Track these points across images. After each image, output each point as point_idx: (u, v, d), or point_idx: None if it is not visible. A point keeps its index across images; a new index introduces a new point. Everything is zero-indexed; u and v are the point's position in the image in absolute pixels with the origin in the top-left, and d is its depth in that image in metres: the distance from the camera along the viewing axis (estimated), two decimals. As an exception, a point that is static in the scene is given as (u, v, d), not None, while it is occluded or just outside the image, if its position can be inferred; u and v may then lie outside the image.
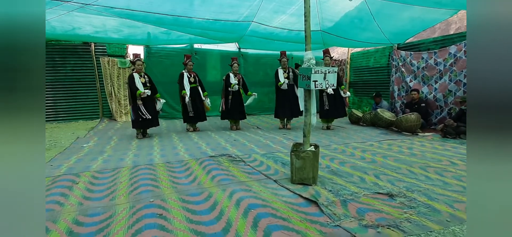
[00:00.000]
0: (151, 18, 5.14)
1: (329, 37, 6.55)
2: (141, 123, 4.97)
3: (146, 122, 4.98)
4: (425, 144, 4.57)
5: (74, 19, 5.21)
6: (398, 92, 7.03)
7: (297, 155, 2.64)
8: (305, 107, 2.72)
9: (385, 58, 7.75)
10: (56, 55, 6.97)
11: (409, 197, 2.38)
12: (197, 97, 5.68)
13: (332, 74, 2.66)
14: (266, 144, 4.55)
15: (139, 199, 2.36)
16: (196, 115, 5.69)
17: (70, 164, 3.44)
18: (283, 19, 5.69)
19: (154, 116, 5.07)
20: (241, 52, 8.64)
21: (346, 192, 2.48)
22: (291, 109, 5.94)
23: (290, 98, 5.90)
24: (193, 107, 5.62)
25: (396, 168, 3.22)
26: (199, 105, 5.72)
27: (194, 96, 5.62)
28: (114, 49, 7.53)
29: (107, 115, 7.52)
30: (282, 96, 5.97)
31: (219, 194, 2.44)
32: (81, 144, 4.59)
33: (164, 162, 3.50)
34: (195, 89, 5.67)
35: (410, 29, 6.28)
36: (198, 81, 5.75)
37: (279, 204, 2.24)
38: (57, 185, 2.65)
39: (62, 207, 2.23)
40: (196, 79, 5.74)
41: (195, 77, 5.70)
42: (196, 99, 5.65)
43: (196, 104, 5.67)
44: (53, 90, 6.99)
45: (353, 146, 4.36)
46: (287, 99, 5.93)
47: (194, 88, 5.64)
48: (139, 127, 5.10)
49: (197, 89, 5.70)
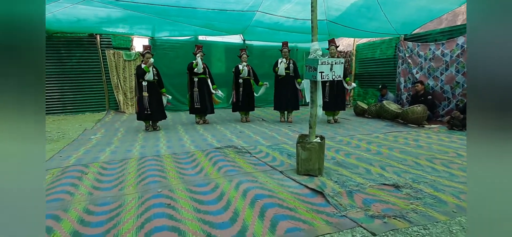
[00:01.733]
0: (156, 9, 5.12)
1: (334, 27, 6.48)
2: (145, 116, 4.95)
3: (151, 115, 4.97)
4: (432, 136, 4.54)
5: (79, 12, 5.23)
6: (405, 84, 6.96)
7: (303, 146, 2.65)
8: (311, 99, 2.72)
9: (392, 50, 7.65)
10: (62, 48, 7.01)
11: (415, 188, 2.38)
12: (206, 88, 5.59)
13: (339, 65, 2.64)
14: (272, 136, 4.56)
15: (147, 189, 2.39)
16: (203, 107, 5.62)
17: (78, 155, 3.49)
18: (288, 8, 5.63)
19: (160, 109, 5.07)
20: (246, 44, 8.60)
21: (352, 183, 2.49)
22: (287, 101, 5.86)
23: (288, 90, 5.80)
24: (200, 99, 5.54)
25: (402, 160, 3.22)
26: (208, 97, 5.64)
27: (202, 87, 5.54)
28: (120, 41, 7.55)
29: (113, 107, 7.58)
30: (280, 87, 5.87)
31: (225, 184, 2.46)
32: (88, 136, 4.65)
33: (171, 153, 3.54)
34: (204, 80, 5.58)
35: (417, 19, 6.19)
36: (208, 73, 5.65)
37: (286, 194, 2.26)
38: (67, 176, 2.70)
39: (73, 196, 2.28)
40: (206, 70, 5.63)
41: (204, 69, 5.56)
42: (204, 90, 5.57)
43: (204, 96, 5.58)
44: (59, 83, 7.06)
45: (358, 138, 4.36)
46: (284, 90, 5.81)
47: (203, 79, 5.56)
48: (143, 120, 5.09)
49: (206, 80, 5.60)
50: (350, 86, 5.85)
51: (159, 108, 5.07)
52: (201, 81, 5.53)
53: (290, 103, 5.89)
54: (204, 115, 5.86)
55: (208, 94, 5.63)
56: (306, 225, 1.81)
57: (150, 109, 4.87)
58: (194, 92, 5.50)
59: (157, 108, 5.00)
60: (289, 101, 5.87)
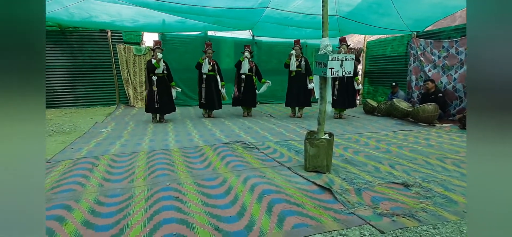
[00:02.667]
0: (166, 6, 5.16)
1: (345, 23, 6.39)
2: (154, 109, 5.11)
3: (159, 108, 5.13)
4: (443, 135, 4.45)
5: (90, 7, 5.30)
6: (416, 82, 6.83)
7: (311, 142, 2.64)
8: (320, 95, 2.70)
9: (403, 47, 7.51)
10: (74, 42, 7.14)
11: (425, 187, 2.35)
12: (214, 84, 5.72)
13: (349, 61, 2.61)
14: (279, 132, 4.55)
15: (156, 182, 2.43)
16: (210, 102, 5.75)
17: (89, 147, 3.56)
18: (298, 4, 5.58)
19: (169, 102, 5.23)
20: (255, 39, 8.58)
21: (360, 181, 2.47)
22: (298, 98, 5.99)
23: (300, 87, 5.92)
24: (207, 95, 5.68)
25: (412, 159, 3.17)
26: (215, 93, 5.75)
27: (211, 84, 5.68)
28: (130, 36, 7.64)
29: (124, 101, 7.69)
30: (292, 84, 5.98)
31: (233, 179, 2.48)
32: (99, 129, 4.74)
33: (179, 147, 3.57)
34: (213, 77, 5.72)
35: (431, 16, 6.04)
36: (217, 70, 5.77)
37: (293, 190, 2.26)
38: (79, 167, 2.76)
39: (84, 188, 2.33)
40: (215, 67, 5.75)
41: (213, 65, 5.70)
42: (212, 86, 5.70)
43: (212, 92, 5.71)
44: (71, 76, 7.20)
45: (367, 136, 4.31)
46: (296, 87, 5.93)
47: (212, 75, 5.70)
48: (152, 112, 5.24)
49: (215, 77, 5.74)
50: (358, 86, 5.93)
51: (168, 101, 5.24)
52: (209, 78, 5.67)
53: (301, 100, 6.02)
54: (211, 110, 6.01)
55: (216, 91, 5.76)
56: (314, 221, 1.81)
57: (159, 103, 5.07)
58: (202, 88, 5.67)
59: (166, 101, 5.18)
60: (300, 98, 5.99)
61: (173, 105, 5.38)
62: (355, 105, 6.06)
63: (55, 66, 7.05)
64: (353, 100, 5.98)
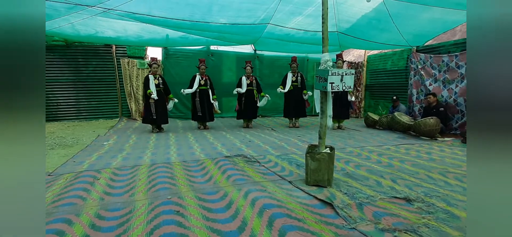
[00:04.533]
0: (170, 23, 5.28)
1: (345, 38, 6.49)
2: (150, 120, 5.57)
3: (155, 119, 5.58)
4: (445, 149, 4.43)
5: (97, 23, 5.42)
6: (417, 95, 6.85)
7: (312, 156, 2.64)
8: (321, 109, 2.72)
9: (403, 61, 7.58)
10: (79, 56, 7.27)
11: (427, 202, 2.33)
12: (206, 98, 6.09)
13: (350, 76, 2.64)
14: (281, 146, 4.55)
15: (157, 196, 2.43)
16: (203, 115, 6.11)
17: (91, 160, 3.58)
18: (299, 20, 5.69)
19: (163, 114, 5.69)
20: (256, 54, 8.70)
21: (362, 195, 2.45)
22: (294, 110, 6.59)
23: (296, 100, 6.51)
24: (201, 108, 6.06)
25: (414, 173, 3.15)
26: (207, 106, 6.11)
27: (203, 98, 6.06)
28: (134, 51, 7.78)
29: (126, 114, 7.75)
30: (289, 97, 6.55)
31: (234, 193, 2.47)
32: (101, 142, 4.76)
33: (181, 161, 3.58)
34: (205, 91, 6.10)
35: (430, 31, 6.12)
36: (209, 84, 6.16)
37: (294, 204, 2.25)
38: (80, 181, 2.77)
39: (85, 201, 2.33)
40: (208, 82, 6.14)
41: (206, 80, 6.11)
42: (204, 100, 6.07)
43: (204, 105, 6.07)
44: (75, 90, 7.30)
45: (369, 150, 4.30)
46: (292, 100, 6.51)
47: (204, 90, 6.08)
48: (148, 123, 5.69)
49: (207, 91, 6.12)
50: (351, 98, 6.28)
51: (163, 113, 5.71)
52: (202, 92, 6.06)
53: (297, 112, 6.63)
54: (204, 122, 6.34)
55: (207, 104, 6.11)
56: (315, 237, 1.79)
57: (155, 114, 5.54)
58: (196, 102, 6.05)
59: (161, 113, 5.64)
60: (297, 110, 6.60)
61: (166, 117, 5.84)
62: (348, 116, 6.55)
63: (60, 80, 7.16)
64: (346, 111, 6.38)
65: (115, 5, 4.42)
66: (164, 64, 7.84)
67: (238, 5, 4.85)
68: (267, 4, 4.92)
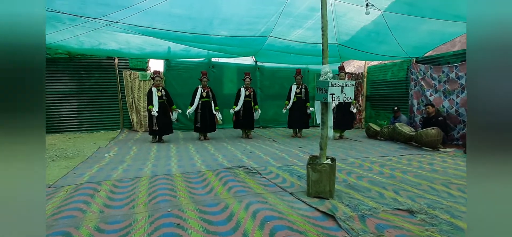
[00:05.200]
0: (172, 36, 5.36)
1: (345, 50, 6.55)
2: (154, 131, 5.75)
3: (158, 131, 5.74)
4: (447, 159, 4.40)
5: (100, 35, 5.50)
6: (418, 106, 6.86)
7: (313, 167, 2.62)
8: (322, 120, 2.72)
9: (403, 72, 7.62)
10: (82, 69, 7.35)
11: (430, 214, 2.30)
12: (208, 110, 6.16)
13: (350, 87, 2.65)
14: (282, 157, 4.54)
15: (157, 208, 2.41)
16: (204, 126, 6.17)
17: (92, 172, 3.57)
18: (299, 33, 5.76)
19: (167, 125, 5.87)
20: (257, 65, 8.77)
21: (364, 207, 2.43)
22: (298, 122, 6.76)
23: (300, 112, 6.65)
24: (202, 119, 6.13)
25: (416, 184, 3.12)
26: (208, 117, 6.17)
27: (205, 109, 6.13)
28: (136, 63, 7.86)
29: (127, 126, 7.77)
30: (294, 108, 6.69)
31: (235, 205, 2.45)
32: (102, 154, 4.76)
33: (181, 172, 3.56)
34: (208, 103, 6.18)
35: (429, 43, 6.17)
36: (211, 96, 6.23)
37: (296, 217, 2.23)
38: (80, 193, 2.75)
39: (85, 214, 2.31)
40: (210, 94, 6.22)
41: (208, 92, 6.18)
42: (206, 112, 6.13)
43: (206, 117, 6.14)
44: (78, 102, 7.34)
45: (370, 161, 4.27)
46: (297, 112, 6.67)
47: (206, 102, 6.15)
48: (152, 134, 5.87)
49: (209, 103, 6.20)
50: (353, 109, 6.39)
51: (167, 124, 5.85)
52: (204, 104, 6.13)
53: (300, 123, 6.79)
54: (206, 133, 6.39)
55: (209, 115, 6.17)
56: (317, 250, 1.77)
57: (158, 125, 5.67)
58: (198, 113, 6.11)
59: (164, 124, 5.78)
60: (301, 121, 6.75)
61: (171, 127, 5.99)
62: (352, 127, 6.64)
63: (63, 92, 7.21)
64: (350, 121, 6.46)
65: (119, 18, 4.50)
66: (166, 76, 7.90)
67: (238, 19, 4.92)
68: (267, 18, 5.00)
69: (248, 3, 4.52)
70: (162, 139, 6.00)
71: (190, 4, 4.41)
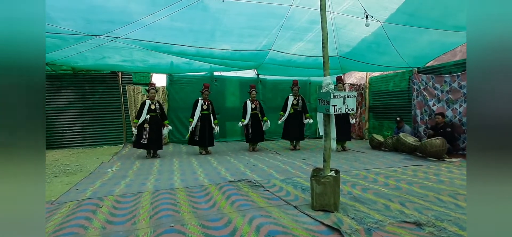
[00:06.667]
0: (175, 50, 5.44)
1: (346, 61, 6.59)
2: (141, 144, 5.54)
3: (146, 145, 5.54)
4: (453, 170, 4.34)
5: (104, 50, 5.60)
6: (421, 116, 6.82)
7: (317, 180, 2.59)
8: (324, 132, 2.71)
9: (405, 82, 7.62)
10: (86, 84, 7.44)
11: (438, 226, 2.25)
12: (207, 123, 6.07)
13: (352, 98, 2.65)
14: (285, 170, 4.50)
15: (160, 223, 2.38)
16: (202, 140, 6.05)
17: (94, 188, 3.55)
18: (300, 46, 5.82)
19: (157, 140, 5.68)
20: (259, 78, 8.83)
21: (370, 220, 2.38)
22: (294, 134, 6.62)
23: (295, 124, 6.56)
24: (201, 132, 6.01)
25: (423, 196, 3.07)
26: (208, 131, 6.08)
27: (204, 122, 6.04)
28: (140, 78, 7.96)
29: (130, 141, 7.77)
30: (289, 120, 6.58)
31: (238, 219, 2.41)
32: (105, 169, 4.75)
33: (184, 187, 3.53)
34: (207, 116, 6.09)
35: (430, 53, 6.20)
36: (211, 109, 6.17)
37: (300, 231, 2.18)
38: (82, 209, 2.73)
39: (86, 230, 2.29)
40: (210, 107, 6.15)
41: (208, 105, 6.11)
42: (206, 125, 6.05)
43: (205, 130, 6.04)
44: (81, 117, 7.40)
45: (375, 172, 4.22)
46: (292, 124, 6.56)
47: (206, 115, 6.07)
48: (138, 148, 5.63)
49: (208, 116, 6.11)
50: (352, 121, 6.40)
51: (157, 139, 5.68)
52: (204, 116, 6.04)
53: (296, 135, 6.66)
54: (206, 147, 6.23)
55: (209, 128, 6.08)
56: (322, 265, 1.72)
57: (147, 139, 5.50)
58: (197, 126, 6.00)
59: (154, 139, 5.61)
60: (296, 133, 6.63)
61: (160, 143, 5.81)
62: (350, 138, 6.59)
63: (66, 108, 7.28)
64: (348, 132, 6.41)
65: (123, 33, 4.59)
66: (169, 90, 7.97)
67: (239, 31, 5.00)
68: (268, 30, 5.07)
69: (248, 16, 4.59)
70: (156, 154, 5.83)
71: (192, 18, 4.49)
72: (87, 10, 4.06)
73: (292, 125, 6.58)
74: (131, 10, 4.13)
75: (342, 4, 4.49)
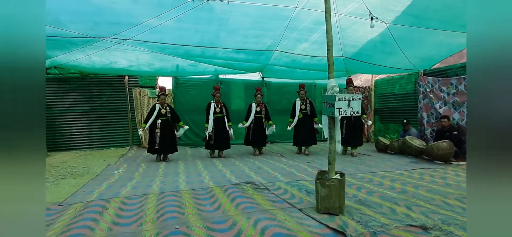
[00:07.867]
0: (180, 51, 5.49)
1: (351, 63, 6.55)
2: (154, 150, 5.52)
3: (159, 149, 5.51)
4: (460, 173, 4.28)
5: (111, 53, 5.67)
6: (427, 118, 6.75)
7: (322, 183, 2.59)
8: (329, 135, 2.70)
9: (411, 85, 7.56)
10: (94, 87, 7.55)
11: (445, 230, 2.22)
12: (222, 126, 5.96)
13: (357, 101, 2.64)
14: (290, 172, 4.49)
15: (165, 225, 2.39)
16: (218, 143, 5.97)
17: (101, 190, 3.59)
18: (305, 47, 5.83)
19: (171, 144, 5.65)
20: (264, 81, 8.83)
21: (376, 224, 2.36)
22: (305, 138, 6.41)
23: (306, 128, 6.36)
24: (216, 136, 5.91)
25: (429, 199, 3.04)
26: (222, 134, 5.96)
27: (218, 126, 5.93)
28: (146, 81, 8.04)
29: (136, 143, 7.86)
30: (299, 125, 6.41)
31: (243, 222, 2.42)
32: (111, 171, 4.80)
33: (190, 189, 3.55)
34: (221, 118, 5.99)
35: (436, 55, 6.14)
36: (225, 112, 6.05)
37: (305, 234, 2.18)
38: (89, 211, 2.77)
39: (93, 232, 2.31)
40: (223, 109, 6.04)
41: (221, 108, 6.01)
42: (220, 128, 5.93)
43: (220, 133, 5.93)
44: (88, 120, 7.50)
45: (381, 175, 4.19)
46: (303, 128, 6.37)
47: (219, 117, 5.97)
48: (152, 153, 5.60)
49: (222, 118, 6.00)
50: (366, 123, 6.23)
51: (170, 143, 5.64)
52: (218, 119, 5.94)
53: (307, 140, 6.42)
54: (221, 150, 6.17)
55: (223, 131, 5.97)
56: (327, 268, 1.72)
57: (159, 144, 5.46)
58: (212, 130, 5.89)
59: (167, 143, 5.57)
60: (307, 138, 6.40)
61: (175, 146, 5.75)
62: (361, 143, 6.38)
63: (75, 110, 7.40)
64: (359, 138, 6.25)
65: (130, 35, 4.66)
66: (174, 92, 8.03)
67: (244, 32, 5.03)
68: (273, 31, 5.09)
69: (253, 17, 4.62)
70: (167, 157, 5.78)
71: (198, 18, 4.53)
72: (95, 13, 4.13)
73: (302, 131, 6.40)
74: (138, 13, 4.20)
75: (347, 6, 4.48)
